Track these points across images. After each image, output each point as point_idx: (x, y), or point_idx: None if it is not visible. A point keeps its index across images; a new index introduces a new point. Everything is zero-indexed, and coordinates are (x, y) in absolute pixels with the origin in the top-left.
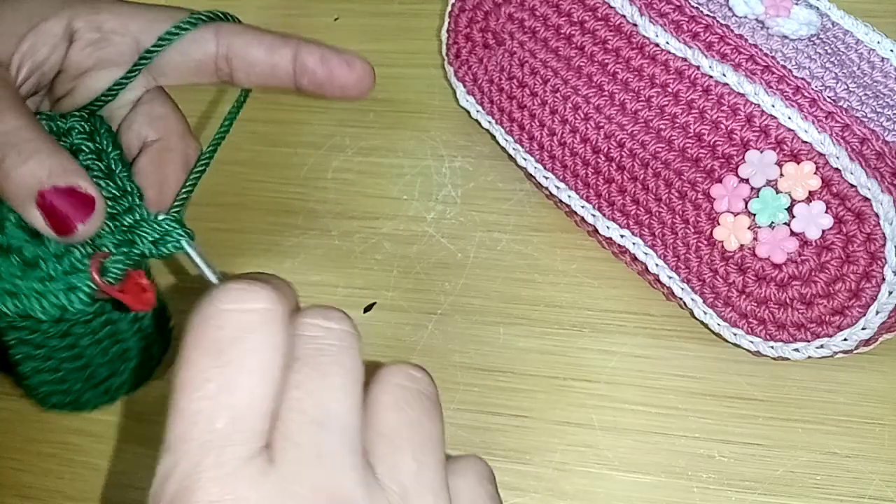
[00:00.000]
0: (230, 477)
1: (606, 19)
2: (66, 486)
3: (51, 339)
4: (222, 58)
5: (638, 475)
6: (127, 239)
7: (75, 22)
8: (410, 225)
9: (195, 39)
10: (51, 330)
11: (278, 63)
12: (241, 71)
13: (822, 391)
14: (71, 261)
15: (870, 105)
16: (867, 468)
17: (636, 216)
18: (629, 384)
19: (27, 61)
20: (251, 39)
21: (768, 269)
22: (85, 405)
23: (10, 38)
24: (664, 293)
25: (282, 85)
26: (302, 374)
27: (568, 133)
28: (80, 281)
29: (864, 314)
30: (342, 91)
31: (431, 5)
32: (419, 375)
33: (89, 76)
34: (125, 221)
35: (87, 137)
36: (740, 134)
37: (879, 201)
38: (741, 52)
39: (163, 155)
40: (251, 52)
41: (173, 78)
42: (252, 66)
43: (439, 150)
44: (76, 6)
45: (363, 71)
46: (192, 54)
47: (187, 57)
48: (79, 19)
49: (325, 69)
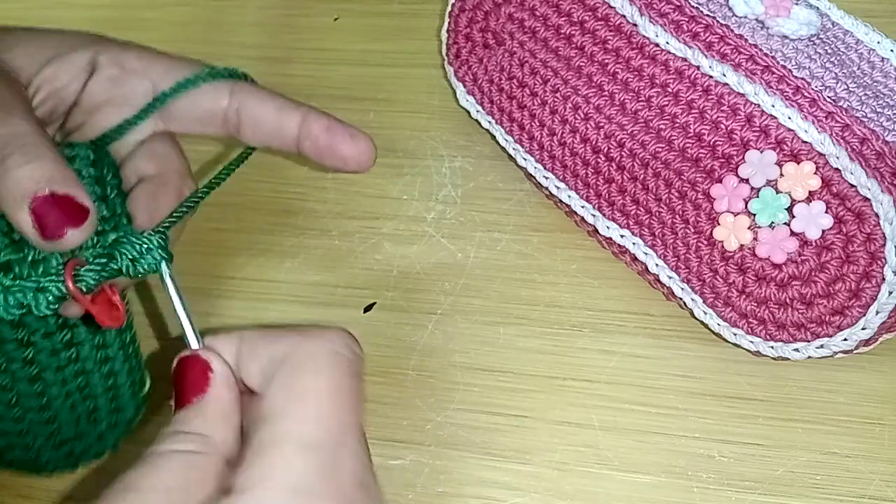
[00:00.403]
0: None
1: (606, 19)
2: (66, 486)
3: (14, 363)
4: (233, 111)
5: (638, 475)
6: (107, 253)
7: (100, 57)
8: (410, 225)
9: (210, 91)
10: (15, 354)
11: (285, 124)
12: (248, 127)
13: (822, 391)
14: (45, 267)
15: (870, 105)
16: (867, 468)
17: (636, 216)
18: (629, 384)
19: (46, 86)
20: (264, 98)
21: (768, 269)
22: (44, 466)
23: (35, 62)
24: (664, 293)
25: (284, 147)
26: None
27: (568, 133)
28: (52, 283)
29: (864, 314)
30: (343, 163)
31: (431, 5)
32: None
33: (102, 112)
34: (109, 238)
35: (90, 164)
36: (740, 134)
37: (879, 201)
38: (741, 52)
39: (158, 188)
40: (261, 110)
41: (182, 125)
42: (259, 122)
43: (439, 150)
44: (106, 43)
45: (365, 146)
46: (203, 104)
47: (197, 105)
48: (104, 55)
49: (328, 137)
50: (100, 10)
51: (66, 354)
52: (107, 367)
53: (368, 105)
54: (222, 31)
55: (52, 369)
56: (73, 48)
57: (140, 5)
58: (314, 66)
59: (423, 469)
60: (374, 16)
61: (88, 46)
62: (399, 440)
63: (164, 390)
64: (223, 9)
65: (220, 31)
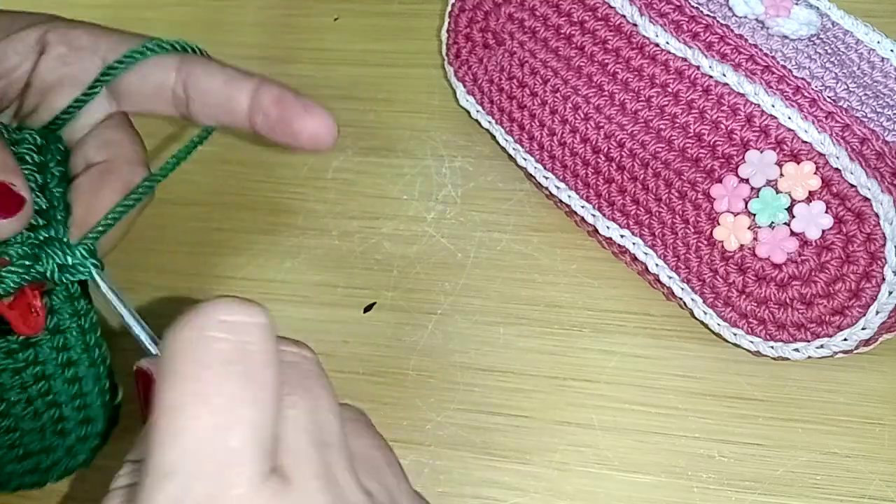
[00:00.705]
0: (254, 498)
1: (606, 19)
2: (66, 486)
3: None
4: (180, 84)
5: (638, 475)
6: (33, 254)
7: (49, 35)
8: (410, 225)
9: (157, 64)
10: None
11: (234, 96)
12: (197, 101)
13: (822, 391)
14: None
15: (870, 105)
16: (867, 468)
17: (636, 216)
18: (629, 384)
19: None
20: (212, 69)
21: (768, 269)
22: (6, 482)
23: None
24: (664, 293)
25: (237, 124)
26: (296, 395)
27: (568, 133)
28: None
29: (864, 314)
30: (294, 139)
31: (431, 5)
32: (362, 414)
33: (54, 93)
34: (39, 236)
35: (35, 150)
36: (740, 134)
37: (879, 201)
38: (741, 52)
39: (104, 176)
40: (209, 82)
41: (132, 103)
42: (208, 96)
43: (439, 150)
44: (55, 21)
45: (321, 121)
46: (151, 78)
47: (146, 81)
48: (53, 33)
49: (279, 110)
50: (100, 10)
51: (23, 356)
52: (70, 372)
53: (368, 105)
54: (222, 31)
55: (8, 372)
56: (21, 27)
57: (140, 5)
58: (314, 66)
59: (423, 469)
60: (374, 16)
61: (37, 25)
62: (399, 440)
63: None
64: (223, 9)
65: (220, 31)
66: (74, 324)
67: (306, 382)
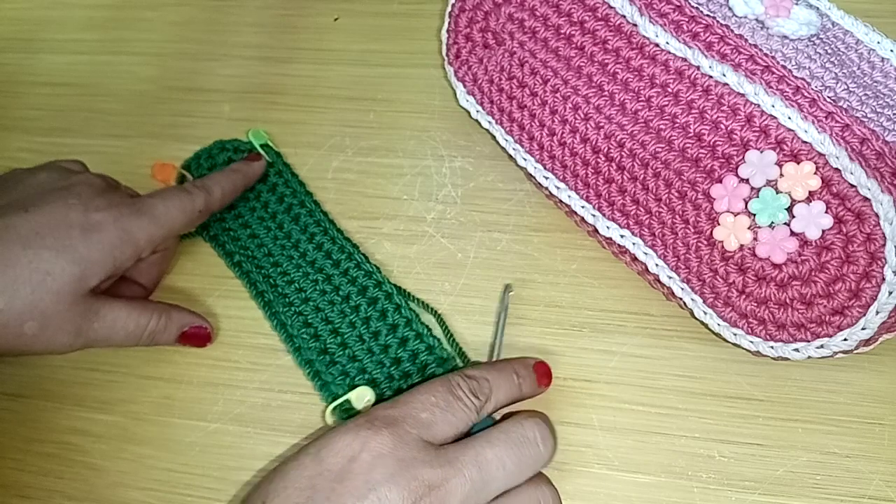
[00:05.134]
0: None
1: (606, 19)
2: (66, 486)
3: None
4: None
5: (638, 475)
6: None
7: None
8: (410, 225)
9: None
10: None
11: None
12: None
13: (822, 391)
14: None
15: (870, 105)
16: (867, 468)
17: (636, 216)
18: (629, 384)
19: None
20: None
21: (768, 269)
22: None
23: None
24: (664, 293)
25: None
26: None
27: (568, 133)
28: None
29: (864, 314)
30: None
31: (431, 5)
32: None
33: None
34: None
35: None
36: (740, 134)
37: (879, 201)
38: (741, 52)
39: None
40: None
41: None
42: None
43: (439, 150)
44: None
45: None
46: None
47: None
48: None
49: None
50: (100, 10)
51: None
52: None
53: (368, 105)
54: (222, 31)
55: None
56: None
57: (140, 5)
58: (314, 66)
59: None
60: (374, 16)
61: None
62: None
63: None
64: (223, 9)
65: (220, 31)
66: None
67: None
